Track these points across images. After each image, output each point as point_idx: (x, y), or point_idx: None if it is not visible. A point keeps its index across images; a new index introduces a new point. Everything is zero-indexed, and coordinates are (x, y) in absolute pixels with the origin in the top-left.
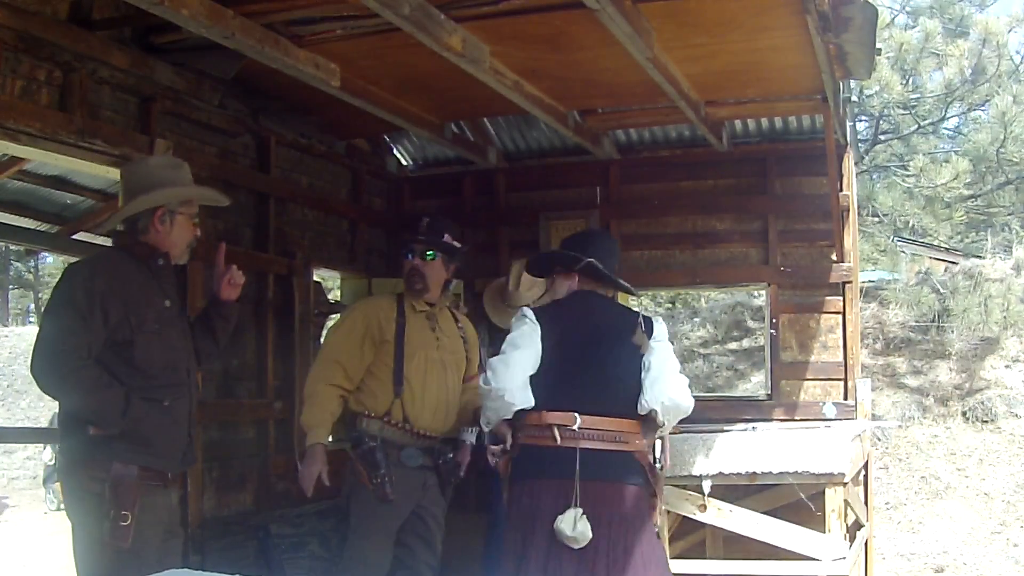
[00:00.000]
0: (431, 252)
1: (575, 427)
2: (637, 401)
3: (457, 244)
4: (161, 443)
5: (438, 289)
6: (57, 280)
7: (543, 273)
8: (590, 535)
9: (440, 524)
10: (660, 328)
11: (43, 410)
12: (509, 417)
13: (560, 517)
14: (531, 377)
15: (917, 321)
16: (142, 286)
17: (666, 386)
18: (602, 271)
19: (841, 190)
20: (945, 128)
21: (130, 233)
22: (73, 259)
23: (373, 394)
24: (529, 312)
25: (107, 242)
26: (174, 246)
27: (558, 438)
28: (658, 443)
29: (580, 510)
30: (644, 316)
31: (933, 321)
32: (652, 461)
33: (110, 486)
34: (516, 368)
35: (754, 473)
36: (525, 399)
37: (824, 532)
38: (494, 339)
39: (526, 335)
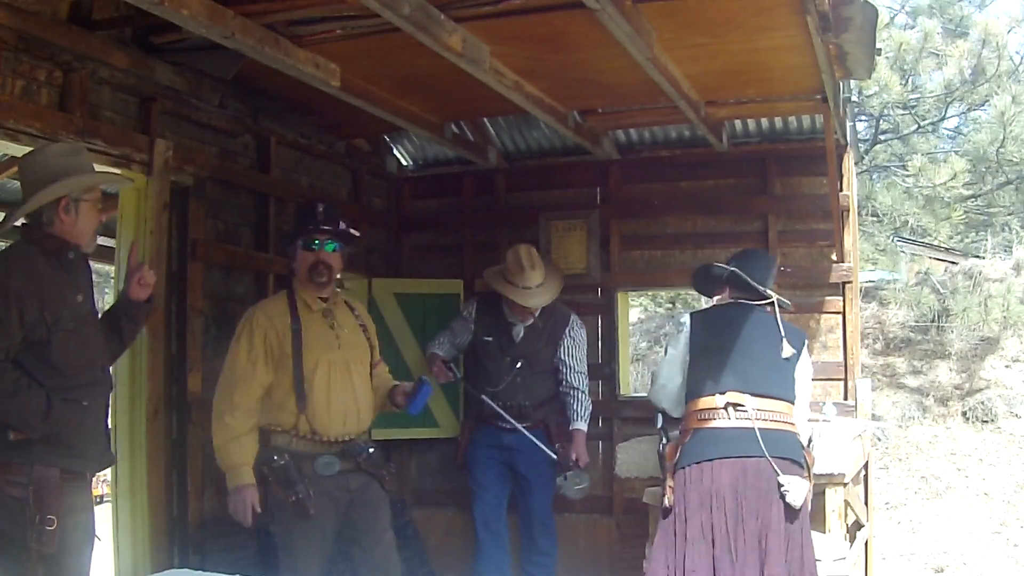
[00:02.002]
0: (333, 243)
1: (747, 408)
2: (790, 387)
3: (355, 232)
4: (81, 444)
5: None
6: None
7: (703, 288)
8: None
9: (381, 521)
10: (803, 340)
11: None
12: (665, 407)
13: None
14: (688, 372)
15: (917, 321)
16: (55, 282)
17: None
18: (744, 279)
19: (841, 190)
20: (945, 128)
21: (35, 227)
22: None
23: (280, 407)
24: (685, 317)
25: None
26: (82, 235)
27: (731, 416)
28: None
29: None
30: (791, 327)
31: (933, 321)
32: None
33: (33, 490)
34: (674, 365)
35: None
36: (680, 390)
37: (824, 532)
38: (499, 322)
39: (676, 337)
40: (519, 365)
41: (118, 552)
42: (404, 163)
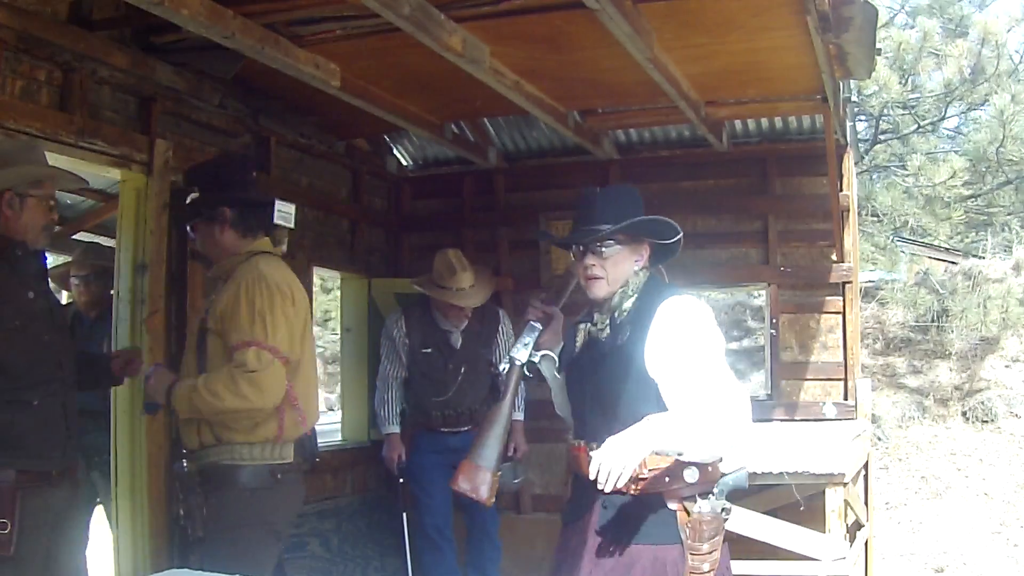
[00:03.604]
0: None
1: None
2: None
3: (194, 195)
4: (35, 444)
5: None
6: None
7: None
8: None
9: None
10: None
11: None
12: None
13: None
14: None
15: (917, 321)
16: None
17: None
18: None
19: (841, 190)
20: (945, 128)
21: None
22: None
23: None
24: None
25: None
26: (26, 231)
27: None
28: None
29: None
30: None
31: (933, 321)
32: None
33: None
34: None
35: (754, 473)
36: None
37: (824, 532)
38: (434, 331)
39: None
40: (463, 370)
41: (118, 552)
42: (404, 163)
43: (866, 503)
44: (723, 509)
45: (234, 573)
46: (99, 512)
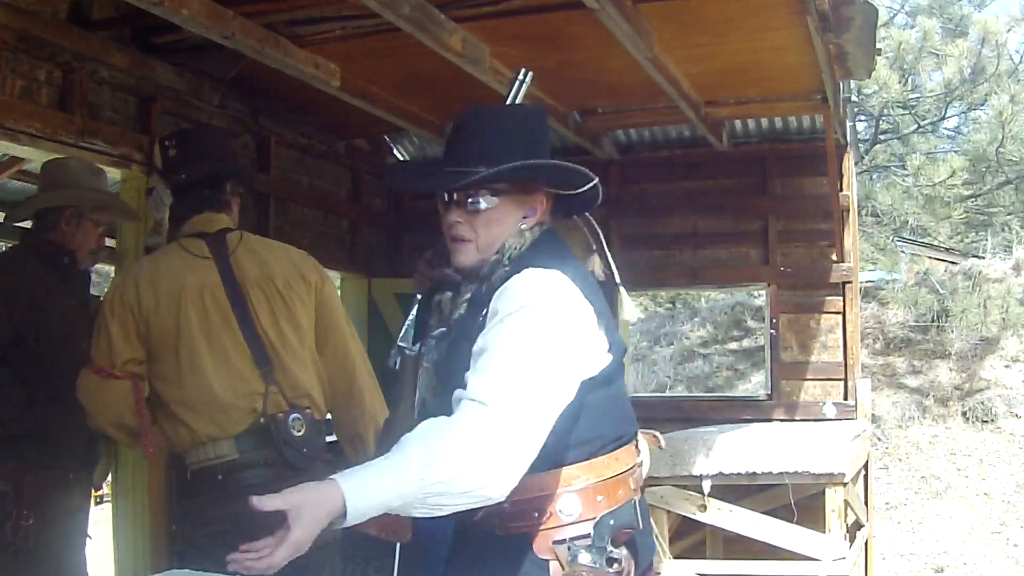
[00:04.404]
0: None
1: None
2: None
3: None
4: (64, 443)
5: None
6: None
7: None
8: None
9: None
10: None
11: None
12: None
13: None
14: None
15: (917, 321)
16: (47, 284)
17: None
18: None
19: (841, 190)
20: (945, 128)
21: (37, 231)
22: None
23: None
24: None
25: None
26: (79, 248)
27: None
28: None
29: None
30: None
31: (933, 321)
32: None
33: (13, 485)
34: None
35: (754, 473)
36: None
37: (824, 532)
38: None
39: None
40: None
41: (118, 552)
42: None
43: (866, 503)
44: (610, 560)
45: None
46: (99, 511)
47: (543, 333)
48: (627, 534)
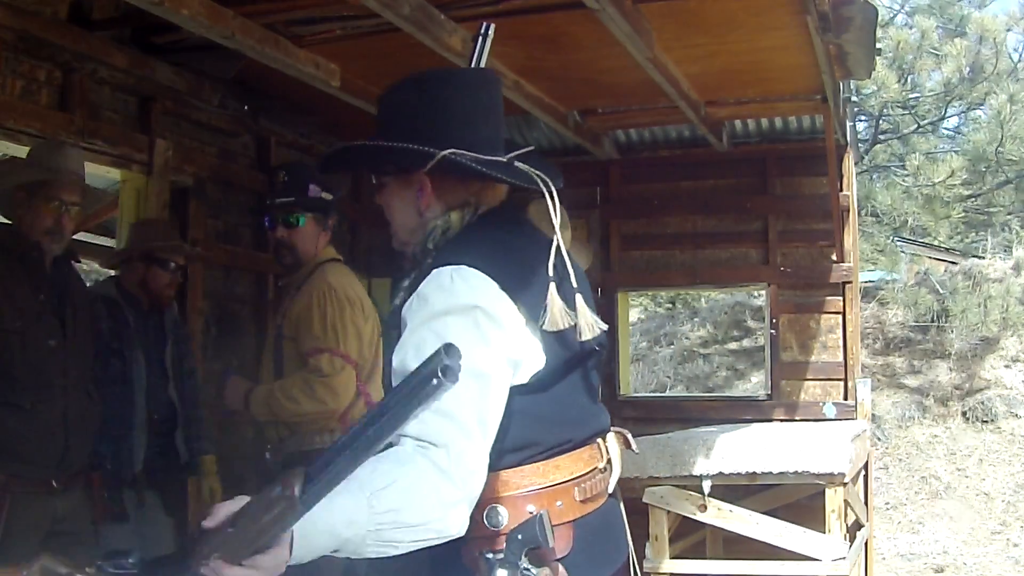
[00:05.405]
0: (296, 216)
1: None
2: None
3: (327, 196)
4: (29, 450)
5: (313, 258)
6: None
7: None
8: None
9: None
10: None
11: None
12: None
13: None
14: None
15: (916, 321)
16: (5, 281)
17: None
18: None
19: (841, 190)
20: (945, 128)
21: (4, 225)
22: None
23: None
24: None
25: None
26: (32, 232)
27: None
28: None
29: None
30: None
31: (932, 321)
32: None
33: None
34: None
35: (754, 473)
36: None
37: (824, 532)
38: None
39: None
40: None
41: None
42: None
43: (866, 503)
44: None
45: None
46: None
47: (440, 337)
48: (548, 553)
